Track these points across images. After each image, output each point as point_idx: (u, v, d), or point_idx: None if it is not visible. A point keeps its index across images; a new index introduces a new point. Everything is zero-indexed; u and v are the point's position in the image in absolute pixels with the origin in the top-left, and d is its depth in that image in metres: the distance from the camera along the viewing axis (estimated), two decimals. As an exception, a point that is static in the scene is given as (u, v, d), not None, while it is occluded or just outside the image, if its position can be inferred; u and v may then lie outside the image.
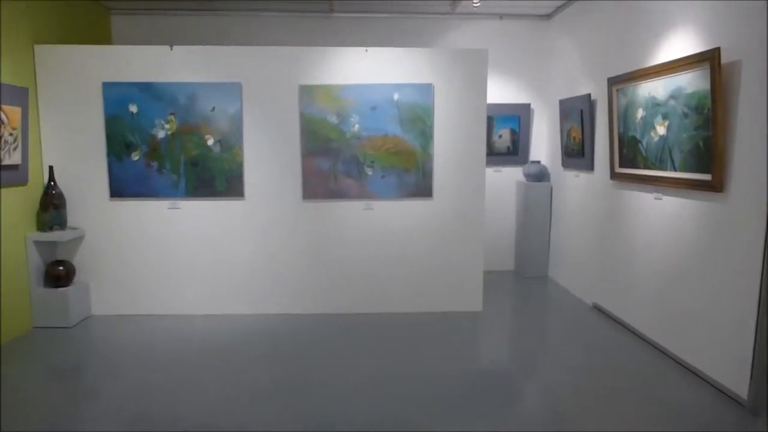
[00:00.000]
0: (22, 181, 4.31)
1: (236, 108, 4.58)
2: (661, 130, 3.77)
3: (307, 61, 4.63)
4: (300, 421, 2.99)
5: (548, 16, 6.03)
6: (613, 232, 4.61)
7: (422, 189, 4.72)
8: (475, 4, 5.35)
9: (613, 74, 4.44)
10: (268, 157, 4.68)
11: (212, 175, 4.62)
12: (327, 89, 4.59)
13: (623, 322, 4.44)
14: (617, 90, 4.36)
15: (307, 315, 4.78)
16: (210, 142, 4.58)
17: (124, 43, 5.80)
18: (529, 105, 6.15)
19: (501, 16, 6.04)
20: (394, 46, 5.08)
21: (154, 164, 4.59)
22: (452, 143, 4.73)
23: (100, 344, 4.21)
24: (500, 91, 6.09)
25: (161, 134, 4.56)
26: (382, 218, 4.76)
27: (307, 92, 4.59)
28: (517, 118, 6.15)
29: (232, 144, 4.60)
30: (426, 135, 4.66)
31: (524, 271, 6.14)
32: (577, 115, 5.19)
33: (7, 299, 4.15)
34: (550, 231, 6.07)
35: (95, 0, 5.48)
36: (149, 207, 4.67)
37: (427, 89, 4.63)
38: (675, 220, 3.73)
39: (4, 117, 3.93)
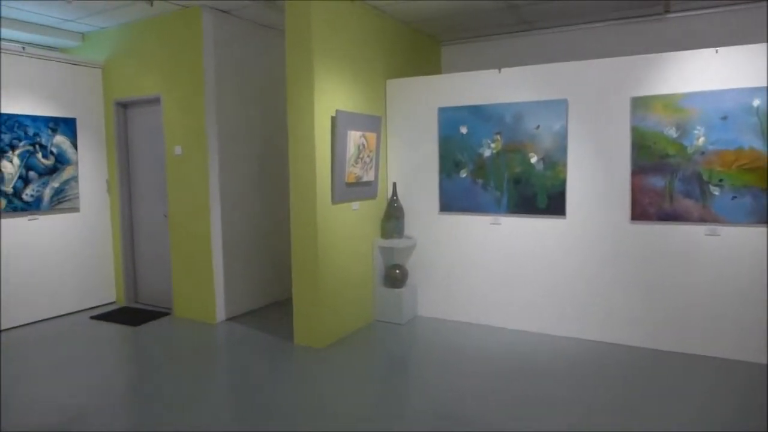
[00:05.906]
0: (373, 196, 5.10)
1: (561, 125, 4.53)
2: None
3: (639, 71, 4.28)
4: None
5: None
6: None
7: (790, 213, 3.86)
8: None
9: None
10: (593, 175, 4.49)
11: (534, 192, 4.66)
12: (665, 99, 4.16)
13: None
14: None
15: (624, 346, 4.41)
16: (533, 159, 4.64)
17: (451, 69, 6.36)
18: None
19: None
20: (751, 43, 4.28)
21: (479, 181, 4.88)
22: (839, 157, 3.75)
23: (424, 343, 4.65)
24: None
25: (487, 153, 4.81)
26: (729, 247, 4.06)
27: (640, 104, 4.24)
28: None
29: (555, 161, 4.57)
30: (799, 147, 3.80)
31: None
32: None
33: (359, 294, 4.97)
34: None
35: (429, 35, 6.16)
36: (473, 221, 4.98)
37: (802, 91, 3.78)
38: None
39: (365, 142, 4.72)
